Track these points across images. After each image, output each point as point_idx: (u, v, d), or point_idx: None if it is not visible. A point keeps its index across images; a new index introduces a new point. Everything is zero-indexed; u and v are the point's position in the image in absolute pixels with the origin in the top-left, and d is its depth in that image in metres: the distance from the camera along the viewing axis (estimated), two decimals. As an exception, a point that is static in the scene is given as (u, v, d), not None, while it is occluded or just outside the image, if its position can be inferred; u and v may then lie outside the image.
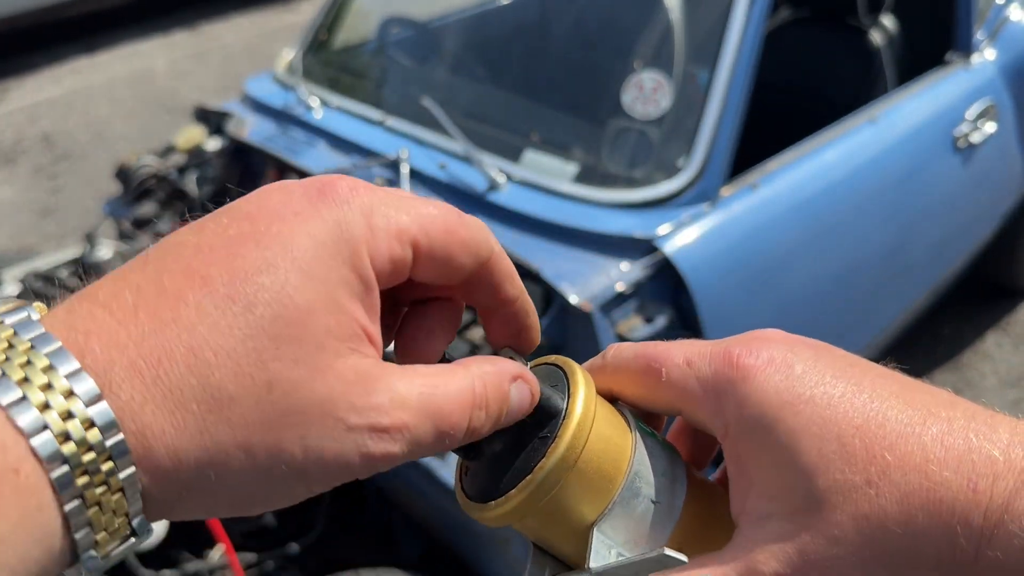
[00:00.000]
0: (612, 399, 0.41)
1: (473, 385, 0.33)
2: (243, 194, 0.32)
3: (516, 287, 0.37)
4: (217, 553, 1.77)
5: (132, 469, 0.25)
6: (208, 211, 0.31)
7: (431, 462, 1.60)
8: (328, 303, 0.28)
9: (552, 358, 0.41)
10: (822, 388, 0.34)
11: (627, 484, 0.38)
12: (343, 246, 0.29)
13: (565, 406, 0.38)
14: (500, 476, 0.38)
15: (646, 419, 0.42)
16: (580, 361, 0.41)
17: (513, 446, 0.37)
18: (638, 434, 0.40)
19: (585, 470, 0.37)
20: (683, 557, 0.36)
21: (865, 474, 0.33)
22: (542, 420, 0.37)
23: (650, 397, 0.39)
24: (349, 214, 0.30)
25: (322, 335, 0.28)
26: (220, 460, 0.27)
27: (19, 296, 2.16)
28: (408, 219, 0.31)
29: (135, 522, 0.26)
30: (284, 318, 0.27)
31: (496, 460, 0.38)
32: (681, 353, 0.38)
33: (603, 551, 0.37)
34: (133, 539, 0.26)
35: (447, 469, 1.58)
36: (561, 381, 0.39)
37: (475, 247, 0.33)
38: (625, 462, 0.38)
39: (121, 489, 0.25)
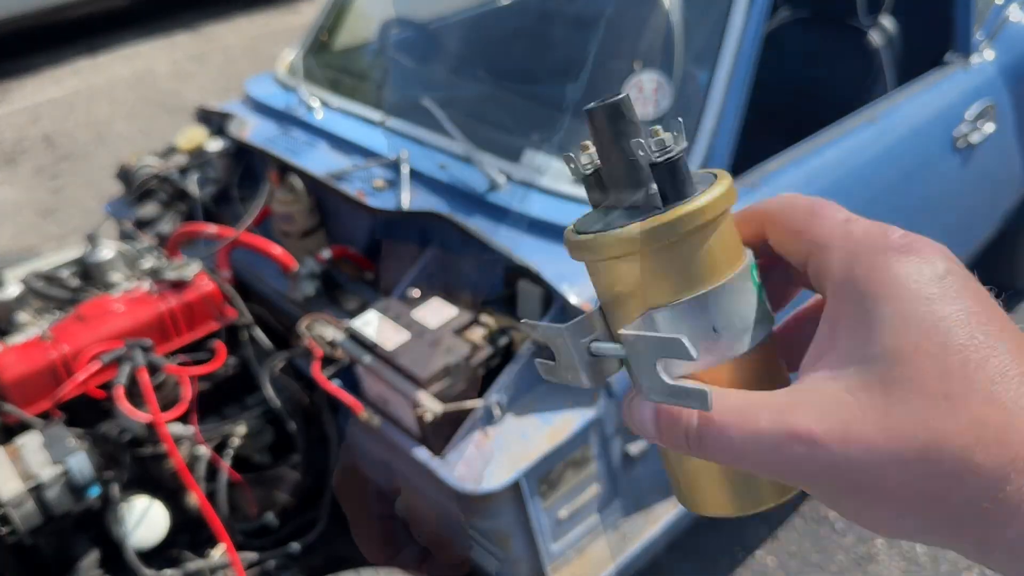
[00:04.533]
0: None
1: None
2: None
3: None
4: (218, 552, 1.78)
5: None
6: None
7: (431, 462, 1.60)
8: None
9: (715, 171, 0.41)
10: (952, 302, 0.34)
11: (710, 294, 0.38)
12: None
13: (699, 190, 0.39)
14: (612, 215, 0.40)
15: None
16: None
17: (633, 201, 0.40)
18: (751, 263, 0.40)
19: (693, 245, 0.37)
20: (693, 352, 0.34)
21: (948, 388, 0.32)
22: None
23: (792, 236, 0.39)
24: None
25: None
26: None
27: (19, 297, 2.13)
28: None
29: None
30: None
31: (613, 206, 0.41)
32: (844, 211, 0.38)
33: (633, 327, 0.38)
34: None
35: (447, 469, 1.58)
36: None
37: None
38: (720, 275, 0.38)
39: None
